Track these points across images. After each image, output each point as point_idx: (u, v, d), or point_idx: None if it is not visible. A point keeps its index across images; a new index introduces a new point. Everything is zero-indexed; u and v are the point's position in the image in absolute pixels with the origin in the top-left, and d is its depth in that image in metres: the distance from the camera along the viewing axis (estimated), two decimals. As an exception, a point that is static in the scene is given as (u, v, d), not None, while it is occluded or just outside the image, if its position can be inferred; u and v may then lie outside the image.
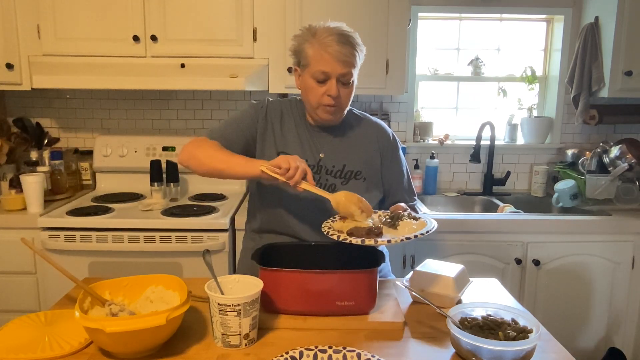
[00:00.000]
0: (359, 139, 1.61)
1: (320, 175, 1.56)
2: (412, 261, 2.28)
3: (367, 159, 1.59)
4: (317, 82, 1.47)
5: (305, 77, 1.50)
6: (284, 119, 1.61)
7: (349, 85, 1.49)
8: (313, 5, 2.34)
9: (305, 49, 1.47)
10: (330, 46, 1.42)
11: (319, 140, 1.59)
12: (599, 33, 2.55)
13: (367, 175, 1.58)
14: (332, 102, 1.47)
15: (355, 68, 1.48)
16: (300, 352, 1.05)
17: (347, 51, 1.43)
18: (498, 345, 1.01)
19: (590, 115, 2.68)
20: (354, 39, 1.46)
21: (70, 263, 2.09)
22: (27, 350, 1.07)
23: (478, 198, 2.79)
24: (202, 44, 2.36)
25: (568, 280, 2.33)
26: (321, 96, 1.47)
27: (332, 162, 1.57)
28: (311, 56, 1.45)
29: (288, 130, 1.59)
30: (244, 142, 1.57)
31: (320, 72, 1.45)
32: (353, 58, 1.45)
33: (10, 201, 2.23)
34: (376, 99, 2.78)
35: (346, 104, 1.53)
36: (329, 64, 1.43)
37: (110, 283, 1.22)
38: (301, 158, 1.47)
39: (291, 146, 1.57)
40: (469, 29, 2.91)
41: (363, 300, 1.22)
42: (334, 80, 1.45)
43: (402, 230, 1.30)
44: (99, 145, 2.65)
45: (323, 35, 1.44)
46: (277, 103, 1.65)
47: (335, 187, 1.54)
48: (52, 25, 2.32)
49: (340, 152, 1.58)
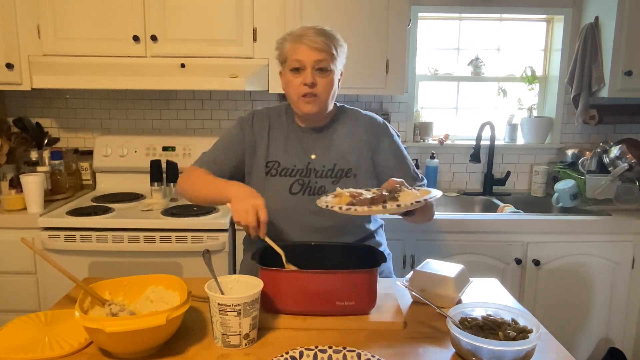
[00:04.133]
0: (350, 136, 1.60)
1: (309, 178, 1.55)
2: (412, 261, 2.28)
3: (357, 155, 1.57)
4: (294, 73, 1.48)
5: (285, 73, 1.52)
6: (272, 127, 1.61)
7: (327, 75, 1.48)
8: (313, 5, 2.34)
9: (285, 46, 1.51)
10: (306, 36, 1.46)
11: (310, 142, 1.58)
12: (599, 33, 2.55)
13: (358, 172, 1.56)
14: (308, 89, 1.46)
15: (334, 59, 1.48)
16: (300, 352, 1.05)
17: (321, 40, 1.45)
18: (498, 345, 1.01)
19: (590, 115, 2.68)
20: (331, 33, 1.49)
21: (70, 263, 2.09)
22: (27, 350, 1.07)
23: (478, 198, 2.79)
24: (202, 44, 2.36)
25: (568, 280, 2.33)
26: (299, 87, 1.47)
27: (322, 162, 1.56)
28: (288, 49, 1.49)
29: (276, 139, 1.59)
30: (234, 161, 1.59)
31: (295, 61, 1.46)
32: (328, 47, 1.46)
33: (10, 201, 2.23)
34: (376, 99, 2.78)
35: (326, 95, 1.50)
36: (303, 52, 1.45)
37: (110, 283, 1.22)
38: (288, 165, 1.53)
39: (279, 154, 1.57)
40: (469, 29, 2.91)
41: (363, 300, 1.22)
42: (309, 69, 1.45)
43: (404, 199, 1.23)
44: (99, 145, 2.65)
45: (301, 31, 1.48)
46: (264, 112, 1.65)
47: (324, 188, 1.52)
48: (52, 25, 2.32)
49: (332, 151, 1.57)
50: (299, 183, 1.54)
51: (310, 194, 1.53)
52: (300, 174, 1.55)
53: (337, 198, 1.28)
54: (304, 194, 1.53)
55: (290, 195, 1.53)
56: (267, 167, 1.57)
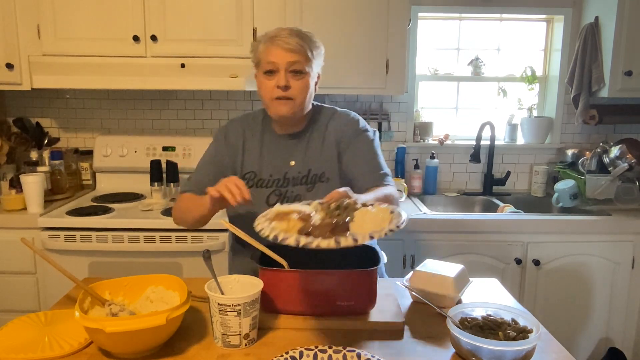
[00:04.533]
0: (322, 138, 1.54)
1: (286, 188, 1.51)
2: (412, 261, 2.28)
3: (329, 157, 1.52)
4: (267, 75, 1.44)
5: (259, 75, 1.48)
6: (246, 136, 1.57)
7: (302, 77, 1.44)
8: (313, 5, 2.34)
9: (258, 47, 1.47)
10: (279, 37, 1.41)
11: (287, 149, 1.54)
12: (599, 33, 2.55)
13: (331, 174, 1.51)
14: (281, 92, 1.42)
15: (309, 61, 1.44)
16: (300, 352, 1.05)
17: (295, 41, 1.41)
18: (498, 345, 1.01)
19: (590, 115, 2.68)
20: (306, 35, 1.45)
21: (70, 263, 2.09)
22: (27, 350, 1.07)
23: (478, 198, 2.79)
24: (202, 44, 2.36)
25: (568, 280, 2.33)
26: (272, 89, 1.43)
27: (299, 169, 1.52)
28: (261, 51, 1.45)
29: (251, 149, 1.55)
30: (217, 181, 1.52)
31: (268, 63, 1.42)
32: (303, 49, 1.42)
33: (10, 201, 2.23)
34: (376, 99, 2.78)
35: (301, 98, 1.46)
36: (276, 54, 1.41)
37: (110, 283, 1.22)
38: (265, 175, 1.49)
39: (255, 165, 1.54)
40: (469, 29, 2.91)
41: (363, 300, 1.22)
42: (282, 71, 1.41)
43: (361, 221, 1.06)
44: (99, 145, 2.65)
45: (275, 32, 1.44)
46: (238, 122, 1.61)
47: (300, 197, 1.48)
48: (52, 25, 2.32)
49: (308, 156, 1.52)
50: (275, 194, 1.51)
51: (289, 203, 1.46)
52: (277, 183, 1.51)
53: (284, 222, 1.09)
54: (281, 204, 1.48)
55: (268, 207, 1.43)
56: (244, 179, 1.52)
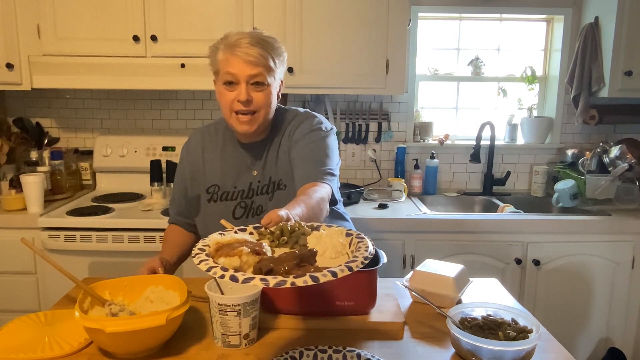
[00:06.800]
0: (279, 144, 1.47)
1: (252, 199, 1.46)
2: (412, 261, 2.28)
3: (284, 162, 1.46)
4: (227, 86, 1.36)
5: (218, 85, 1.40)
6: (206, 148, 1.52)
7: (264, 89, 1.36)
8: (313, 6, 2.34)
9: (217, 54, 1.38)
10: (239, 47, 1.32)
11: (250, 158, 1.47)
12: (599, 33, 2.55)
13: (288, 181, 1.44)
14: (242, 107, 1.35)
15: (271, 71, 1.36)
16: (300, 352, 1.05)
17: (256, 52, 1.32)
18: (498, 345, 1.01)
19: (590, 115, 2.68)
20: (268, 42, 1.36)
21: (70, 263, 2.09)
22: (27, 350, 1.07)
23: (478, 198, 2.79)
24: (202, 44, 2.31)
25: (568, 280, 2.33)
26: (232, 102, 1.36)
27: (260, 178, 1.46)
28: (220, 60, 1.36)
29: (212, 161, 1.50)
30: (193, 201, 1.53)
31: (227, 74, 1.34)
32: (265, 60, 1.33)
33: (10, 201, 2.23)
34: (376, 99, 2.78)
35: (263, 112, 1.38)
36: (236, 65, 1.33)
37: (110, 283, 1.22)
38: (228, 187, 1.46)
39: (217, 177, 1.49)
40: (469, 29, 2.90)
41: (363, 300, 1.22)
42: (243, 84, 1.34)
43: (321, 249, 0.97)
44: (99, 145, 2.65)
45: (234, 39, 1.35)
46: (199, 134, 1.55)
47: (262, 208, 1.44)
48: (52, 25, 2.32)
49: (268, 164, 1.46)
50: (241, 206, 1.46)
51: (253, 215, 1.44)
52: (242, 195, 1.46)
53: (234, 259, 0.88)
54: (247, 217, 1.44)
55: (235, 221, 1.43)
56: (208, 193, 1.48)
